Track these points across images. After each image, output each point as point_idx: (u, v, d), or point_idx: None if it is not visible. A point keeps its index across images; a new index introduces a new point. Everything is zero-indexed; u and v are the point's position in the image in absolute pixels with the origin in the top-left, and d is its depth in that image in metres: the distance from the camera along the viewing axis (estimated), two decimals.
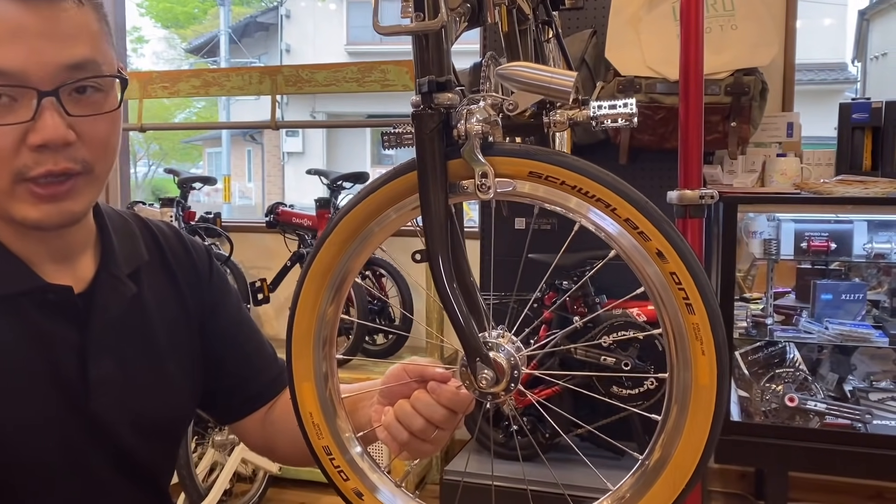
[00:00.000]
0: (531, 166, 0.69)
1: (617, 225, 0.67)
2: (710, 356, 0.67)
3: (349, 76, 2.71)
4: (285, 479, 2.76)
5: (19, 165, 0.70)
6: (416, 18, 0.70)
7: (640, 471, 0.74)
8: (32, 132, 0.70)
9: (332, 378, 0.81)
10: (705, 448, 0.69)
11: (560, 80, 0.69)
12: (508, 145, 0.73)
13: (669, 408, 0.71)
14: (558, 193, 0.69)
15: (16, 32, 0.68)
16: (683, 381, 0.69)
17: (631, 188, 0.67)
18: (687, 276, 0.66)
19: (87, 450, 0.83)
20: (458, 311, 0.73)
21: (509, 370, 0.75)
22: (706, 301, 0.66)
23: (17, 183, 0.71)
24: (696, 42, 1.38)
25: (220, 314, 0.98)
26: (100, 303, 0.83)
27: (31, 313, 0.79)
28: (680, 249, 0.66)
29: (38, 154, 0.70)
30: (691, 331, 0.67)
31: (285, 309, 3.25)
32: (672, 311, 0.68)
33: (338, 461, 0.80)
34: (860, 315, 2.29)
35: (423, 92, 0.71)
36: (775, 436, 2.18)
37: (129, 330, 0.86)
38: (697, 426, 0.69)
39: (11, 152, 0.70)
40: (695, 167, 1.39)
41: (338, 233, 0.76)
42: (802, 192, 2.23)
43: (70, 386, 0.81)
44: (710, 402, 0.68)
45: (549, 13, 1.20)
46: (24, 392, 0.78)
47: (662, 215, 0.68)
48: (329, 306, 0.79)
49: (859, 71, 11.51)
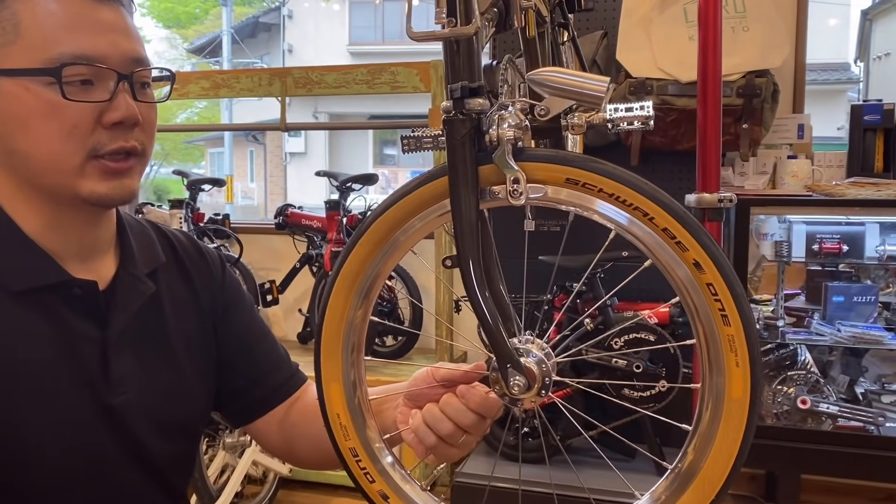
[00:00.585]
0: (568, 173, 0.68)
1: (654, 234, 0.67)
2: (744, 368, 0.67)
3: (359, 78, 2.70)
4: (295, 480, 2.76)
5: (94, 143, 0.77)
6: (448, 24, 0.70)
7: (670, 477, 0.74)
8: (109, 111, 0.77)
9: (361, 386, 0.81)
10: (736, 460, 0.69)
11: (594, 85, 0.69)
12: (539, 151, 0.73)
13: (700, 418, 0.71)
14: (595, 201, 0.69)
15: (95, 24, 0.76)
16: (716, 393, 0.69)
17: (669, 198, 0.67)
18: (724, 287, 0.66)
19: (107, 446, 0.83)
20: (490, 318, 0.73)
21: (541, 377, 0.75)
22: (742, 313, 0.66)
23: (89, 160, 0.77)
24: (714, 47, 1.38)
25: (233, 316, 1.00)
26: (121, 300, 0.85)
27: (56, 307, 0.80)
28: (718, 260, 0.66)
29: (112, 132, 0.77)
30: (726, 342, 0.67)
31: (294, 310, 3.25)
32: (707, 322, 0.68)
33: (364, 463, 0.80)
34: (872, 317, 2.29)
35: (454, 98, 0.71)
36: (788, 438, 2.17)
37: (147, 328, 0.88)
38: (728, 438, 0.69)
39: (88, 130, 0.76)
40: (713, 171, 1.40)
41: (371, 233, 0.76)
42: (815, 195, 2.22)
43: (93, 381, 0.82)
44: (743, 414, 0.68)
45: (565, 16, 1.20)
46: (48, 385, 0.79)
47: (700, 226, 0.67)
48: (358, 309, 0.79)
49: (862, 71, 11.51)
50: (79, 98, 0.75)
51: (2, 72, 0.75)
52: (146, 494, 0.89)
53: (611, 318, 2.34)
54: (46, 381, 0.79)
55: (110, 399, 0.83)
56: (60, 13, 0.75)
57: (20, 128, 0.76)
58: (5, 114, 0.76)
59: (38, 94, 0.75)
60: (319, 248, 3.06)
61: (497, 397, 0.76)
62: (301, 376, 1.05)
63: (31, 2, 0.75)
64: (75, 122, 0.75)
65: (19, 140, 0.76)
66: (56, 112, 0.75)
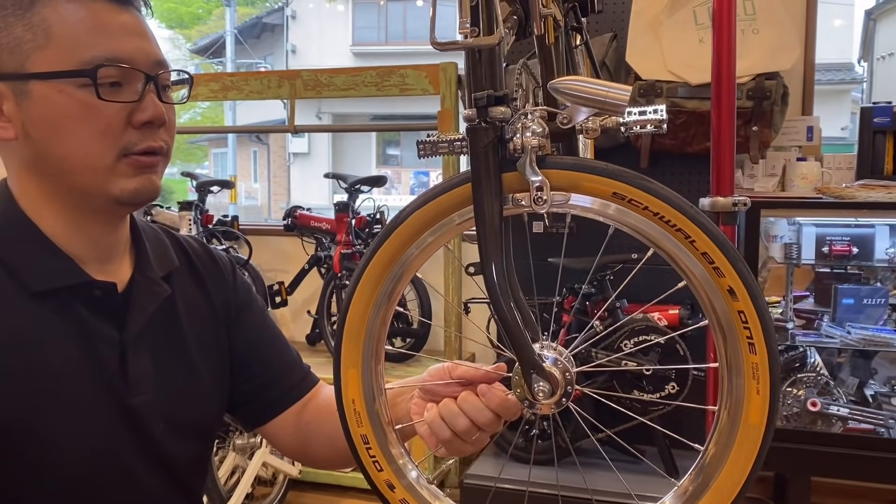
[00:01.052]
0: (615, 187, 0.68)
1: (692, 257, 0.67)
2: (763, 396, 0.68)
3: (368, 80, 2.70)
4: (305, 482, 2.76)
5: (125, 142, 0.79)
6: (471, 34, 0.71)
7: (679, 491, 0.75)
8: (138, 111, 0.79)
9: (381, 396, 0.81)
10: (745, 483, 0.69)
11: (616, 94, 0.69)
12: (560, 158, 0.73)
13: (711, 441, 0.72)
14: (638, 217, 0.68)
15: (120, 29, 0.79)
16: (732, 417, 0.70)
17: (712, 223, 0.67)
18: (755, 316, 0.66)
19: (126, 447, 0.84)
20: (514, 325, 0.74)
21: (564, 383, 0.75)
22: (769, 345, 0.67)
23: (120, 158, 0.79)
24: (728, 50, 1.38)
25: (245, 319, 1.01)
26: (137, 302, 0.86)
27: (77, 308, 0.81)
28: (752, 290, 0.66)
29: (141, 132, 0.79)
30: (749, 370, 0.68)
31: (303, 312, 3.26)
32: (733, 348, 0.68)
33: (374, 451, 0.80)
34: (882, 319, 2.28)
35: (479, 106, 0.71)
36: (797, 440, 2.17)
37: (162, 330, 0.89)
38: (740, 462, 0.69)
39: (120, 129, 0.78)
40: (727, 174, 1.40)
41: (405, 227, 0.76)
42: (825, 197, 2.22)
43: (111, 382, 0.82)
44: (757, 441, 0.69)
45: (578, 19, 1.20)
46: (69, 385, 0.79)
47: (739, 255, 0.68)
48: (380, 311, 0.78)
49: (866, 71, 11.48)
50: (111, 98, 0.77)
51: (36, 75, 0.76)
52: (163, 496, 0.90)
53: (620, 320, 2.35)
54: (67, 381, 0.79)
55: (129, 399, 0.83)
56: (88, 19, 0.77)
57: (53, 130, 0.77)
58: (38, 117, 0.77)
59: (72, 95, 0.76)
60: (328, 249, 3.06)
61: (517, 400, 0.77)
62: (313, 377, 1.06)
63: (59, 8, 0.76)
64: (108, 121, 0.77)
65: (53, 142, 0.77)
66: (90, 112, 0.77)
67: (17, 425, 0.76)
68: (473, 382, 0.81)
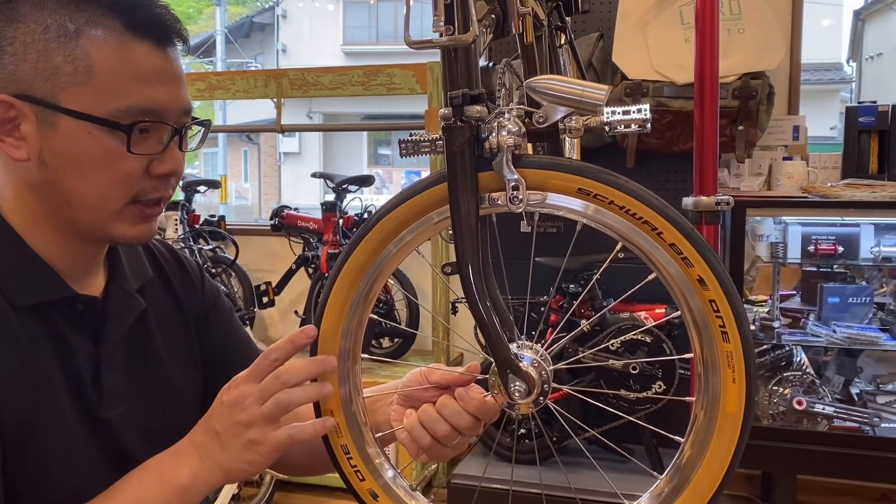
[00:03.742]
0: (580, 183, 0.68)
1: (661, 248, 0.67)
2: (740, 385, 0.68)
3: (355, 80, 2.70)
4: (292, 483, 2.76)
5: (138, 190, 0.78)
6: (446, 32, 0.70)
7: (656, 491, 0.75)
8: (159, 162, 0.79)
9: (359, 396, 0.81)
10: (725, 474, 0.70)
11: (592, 93, 0.69)
12: (536, 157, 0.73)
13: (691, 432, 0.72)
14: (604, 212, 0.69)
15: (160, 76, 0.78)
16: (709, 413, 0.70)
17: (679, 214, 0.67)
18: (726, 304, 0.67)
19: (100, 459, 0.83)
20: (491, 324, 0.74)
21: (540, 382, 0.75)
22: (742, 331, 0.67)
23: (128, 205, 0.79)
24: (711, 49, 1.38)
25: (213, 323, 1.01)
26: (113, 316, 0.85)
27: (56, 321, 0.80)
28: (721, 278, 0.67)
29: (157, 181, 0.79)
30: (724, 358, 0.68)
31: (290, 312, 3.24)
32: (707, 338, 0.69)
33: (355, 460, 0.80)
34: (867, 318, 2.29)
35: (454, 105, 0.70)
36: (784, 439, 2.18)
37: (136, 342, 0.89)
38: (719, 452, 0.70)
39: (137, 178, 0.78)
40: (710, 173, 1.40)
41: (374, 233, 0.76)
42: (810, 196, 2.23)
43: (86, 395, 0.82)
44: (735, 430, 0.69)
45: (562, 19, 1.20)
46: (46, 398, 0.79)
47: (707, 244, 0.68)
48: (356, 313, 0.78)
49: (854, 71, 11.55)
50: (138, 150, 0.77)
51: (71, 112, 0.74)
52: None
53: (607, 319, 2.35)
54: (44, 389, 0.79)
55: (103, 413, 0.83)
56: (130, 63, 0.76)
57: (73, 167, 0.76)
58: (60, 150, 0.76)
59: (100, 140, 0.75)
60: (315, 249, 3.05)
61: (494, 402, 0.77)
62: None
63: (105, 47, 0.75)
64: (130, 170, 0.77)
65: (68, 177, 0.76)
66: (114, 160, 0.76)
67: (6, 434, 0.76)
68: (450, 385, 0.81)
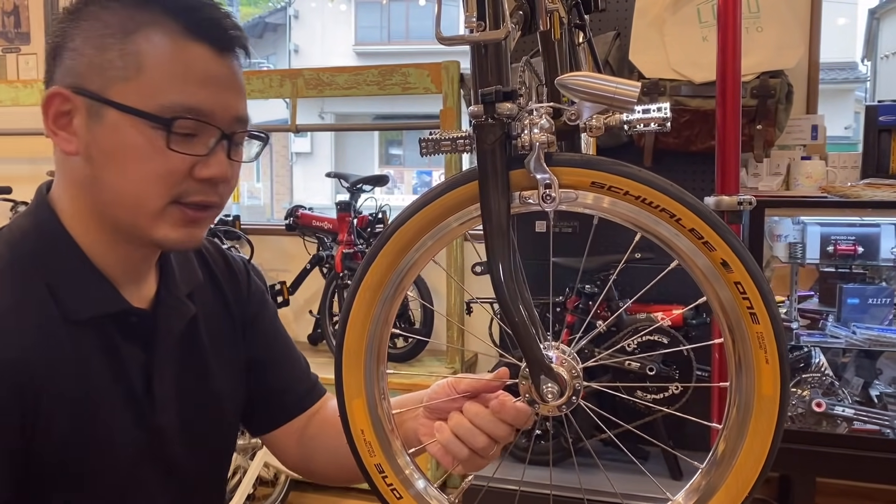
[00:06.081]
0: (593, 176, 0.68)
1: (681, 235, 0.67)
2: (773, 365, 0.67)
3: (370, 79, 2.69)
4: (306, 483, 2.75)
5: (180, 191, 0.77)
6: (478, 28, 0.70)
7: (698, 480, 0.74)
8: (203, 166, 0.77)
9: (385, 400, 0.80)
10: (767, 457, 0.69)
11: (626, 90, 0.68)
12: (569, 155, 0.72)
13: (728, 417, 0.71)
14: (621, 204, 0.68)
15: (210, 79, 0.77)
16: (745, 391, 0.69)
17: (695, 199, 0.67)
18: (752, 285, 0.66)
19: (149, 465, 0.84)
20: (522, 325, 0.73)
21: (571, 383, 0.74)
22: (770, 311, 0.66)
23: (171, 205, 0.78)
24: (733, 48, 1.37)
25: (258, 326, 1.00)
26: (164, 324, 0.86)
27: (111, 332, 0.81)
28: (745, 259, 0.66)
29: (200, 184, 0.78)
30: (755, 340, 0.67)
31: (304, 312, 3.25)
32: (736, 321, 0.68)
33: (390, 479, 0.79)
34: (887, 319, 2.27)
35: (486, 102, 0.70)
36: (802, 441, 2.16)
37: (185, 350, 0.89)
38: (759, 436, 0.69)
39: (179, 179, 0.77)
40: (732, 173, 1.38)
41: (393, 242, 0.75)
42: (830, 196, 2.21)
43: (139, 403, 0.83)
44: (774, 411, 0.68)
45: (581, 17, 1.19)
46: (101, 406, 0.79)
47: (726, 225, 0.67)
48: (380, 320, 0.78)
49: (869, 70, 11.45)
50: (180, 149, 0.76)
51: (114, 104, 0.75)
52: None
53: (624, 320, 2.34)
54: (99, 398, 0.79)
55: (154, 416, 0.84)
56: (181, 62, 0.76)
57: (114, 160, 0.76)
58: (104, 143, 0.76)
59: (142, 134, 0.75)
60: (330, 249, 3.05)
61: (528, 407, 0.76)
62: (320, 388, 1.05)
63: (157, 44, 0.75)
64: (171, 169, 0.76)
65: (110, 170, 0.76)
66: (156, 155, 0.75)
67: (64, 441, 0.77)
68: (478, 393, 0.81)
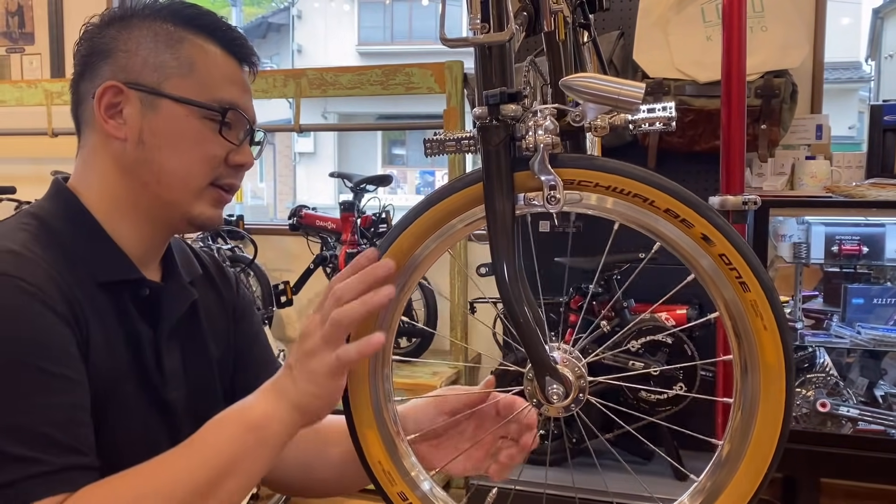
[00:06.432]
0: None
1: (657, 217, 0.68)
2: (772, 330, 0.67)
3: (373, 79, 2.69)
4: None
5: (217, 173, 0.91)
6: (482, 30, 0.70)
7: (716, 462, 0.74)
8: (236, 154, 0.91)
9: (390, 403, 0.81)
10: (783, 427, 0.69)
11: (630, 91, 0.68)
12: (572, 156, 0.72)
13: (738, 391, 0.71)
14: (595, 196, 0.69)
15: (241, 84, 0.93)
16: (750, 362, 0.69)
17: (663, 178, 0.67)
18: (736, 254, 0.67)
19: (162, 438, 0.87)
20: (527, 326, 0.73)
21: (577, 384, 0.74)
22: (759, 276, 0.67)
23: (209, 186, 0.90)
24: (738, 47, 1.37)
25: (242, 326, 1.07)
26: (168, 303, 0.93)
27: (125, 302, 0.87)
28: (724, 230, 0.67)
29: (231, 169, 0.92)
30: (749, 308, 0.67)
31: (308, 312, 3.24)
32: (727, 293, 0.68)
33: (412, 501, 0.80)
34: (892, 319, 2.27)
35: (490, 104, 0.70)
36: (807, 441, 2.15)
37: (187, 331, 0.96)
38: (771, 403, 0.69)
39: (218, 163, 0.90)
40: (737, 172, 1.38)
41: (399, 243, 0.75)
42: (834, 196, 2.21)
43: (151, 376, 0.88)
44: (781, 379, 0.68)
45: (586, 16, 1.19)
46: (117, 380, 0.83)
47: (700, 200, 0.68)
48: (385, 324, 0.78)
49: (873, 70, 11.42)
50: (225, 136, 0.90)
51: (172, 97, 0.87)
52: None
53: (627, 320, 2.33)
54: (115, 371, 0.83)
55: (166, 391, 0.89)
56: (222, 68, 0.91)
57: (169, 143, 0.88)
58: (160, 129, 0.87)
59: (195, 122, 0.88)
60: (333, 249, 3.05)
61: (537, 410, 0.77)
62: None
63: (204, 52, 0.90)
64: (214, 152, 0.89)
65: (163, 153, 0.88)
66: (204, 140, 0.89)
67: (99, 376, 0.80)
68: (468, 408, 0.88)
